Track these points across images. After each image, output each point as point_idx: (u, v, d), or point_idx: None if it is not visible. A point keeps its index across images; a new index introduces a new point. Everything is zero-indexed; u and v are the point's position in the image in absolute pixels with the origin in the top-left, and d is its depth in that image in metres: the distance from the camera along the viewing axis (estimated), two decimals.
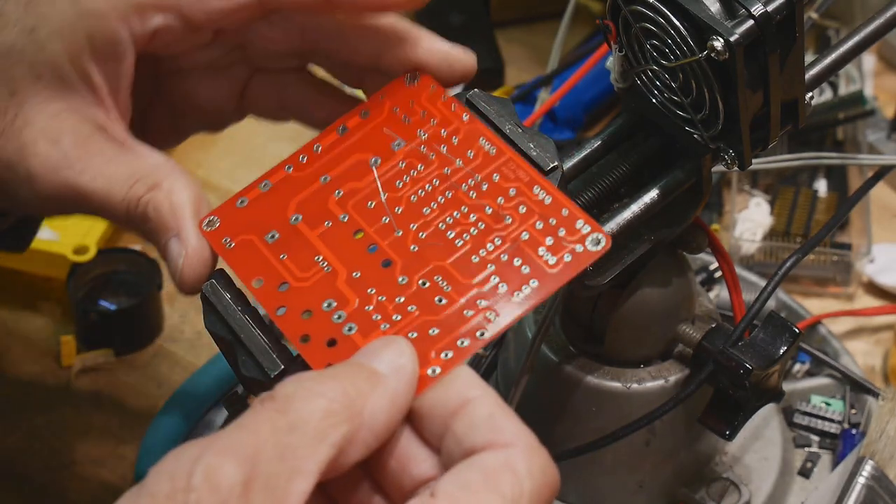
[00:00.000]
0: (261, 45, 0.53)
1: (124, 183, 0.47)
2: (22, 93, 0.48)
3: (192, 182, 0.48)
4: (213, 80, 0.54)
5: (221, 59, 0.53)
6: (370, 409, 0.38)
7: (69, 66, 0.48)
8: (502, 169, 0.47)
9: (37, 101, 0.48)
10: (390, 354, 0.40)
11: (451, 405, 0.39)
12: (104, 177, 0.47)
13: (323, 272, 0.45)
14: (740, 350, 0.54)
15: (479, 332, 0.42)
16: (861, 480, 0.58)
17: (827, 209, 0.82)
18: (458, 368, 0.41)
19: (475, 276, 0.44)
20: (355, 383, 0.39)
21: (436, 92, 0.49)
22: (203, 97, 0.54)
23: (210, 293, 0.45)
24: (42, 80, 0.48)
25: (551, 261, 0.44)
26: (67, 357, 0.74)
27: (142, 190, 0.47)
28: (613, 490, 0.60)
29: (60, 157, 0.47)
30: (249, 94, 0.55)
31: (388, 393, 0.39)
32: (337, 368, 0.40)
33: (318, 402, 0.38)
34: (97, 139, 0.48)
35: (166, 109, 0.55)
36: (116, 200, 0.47)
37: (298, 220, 0.47)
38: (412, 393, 0.40)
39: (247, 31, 0.52)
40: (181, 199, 0.47)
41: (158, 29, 0.49)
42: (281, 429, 0.37)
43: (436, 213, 0.46)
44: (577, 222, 0.44)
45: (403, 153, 0.48)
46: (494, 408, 0.39)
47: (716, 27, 0.46)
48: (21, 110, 0.48)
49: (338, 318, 0.44)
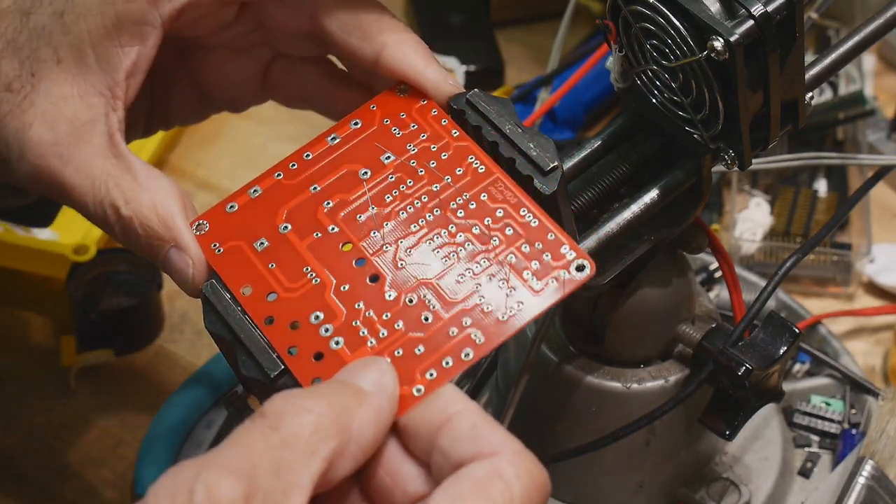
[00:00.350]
0: (277, 28, 0.53)
1: (101, 184, 0.47)
2: (40, 74, 0.48)
3: (176, 186, 0.48)
4: (236, 59, 0.54)
5: (244, 39, 0.54)
6: (357, 424, 0.39)
7: (90, 49, 0.48)
8: (490, 189, 0.47)
9: (50, 83, 0.48)
10: (373, 374, 0.41)
11: (436, 422, 0.40)
12: (85, 172, 0.47)
13: (311, 284, 0.46)
14: (740, 350, 0.54)
15: (464, 354, 0.43)
16: (861, 480, 0.58)
17: (827, 209, 0.82)
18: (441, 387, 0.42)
19: (461, 296, 0.44)
20: (342, 399, 0.39)
21: (426, 105, 0.50)
22: (226, 75, 0.55)
23: (210, 293, 0.45)
24: (62, 63, 0.48)
25: (536, 286, 0.44)
26: (67, 357, 0.73)
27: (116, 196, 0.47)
28: (613, 490, 0.60)
29: (52, 142, 0.47)
30: (271, 78, 0.55)
31: (374, 408, 0.40)
32: (323, 386, 0.41)
33: (307, 418, 0.38)
34: (91, 131, 0.48)
35: (190, 86, 0.56)
36: (89, 199, 0.47)
37: (288, 229, 0.47)
38: (395, 409, 0.41)
39: (264, 10, 0.52)
40: (170, 210, 0.47)
41: (186, 6, 0.49)
42: (274, 445, 0.37)
43: (424, 230, 0.46)
44: (563, 247, 0.45)
45: (393, 166, 0.48)
46: (477, 419, 0.40)
47: (716, 27, 0.46)
48: (33, 90, 0.48)
49: (325, 331, 0.44)
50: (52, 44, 0.48)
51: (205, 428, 0.69)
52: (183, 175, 0.86)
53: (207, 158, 0.88)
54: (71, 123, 0.48)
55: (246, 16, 0.52)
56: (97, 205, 0.47)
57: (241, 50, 0.54)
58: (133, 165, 0.48)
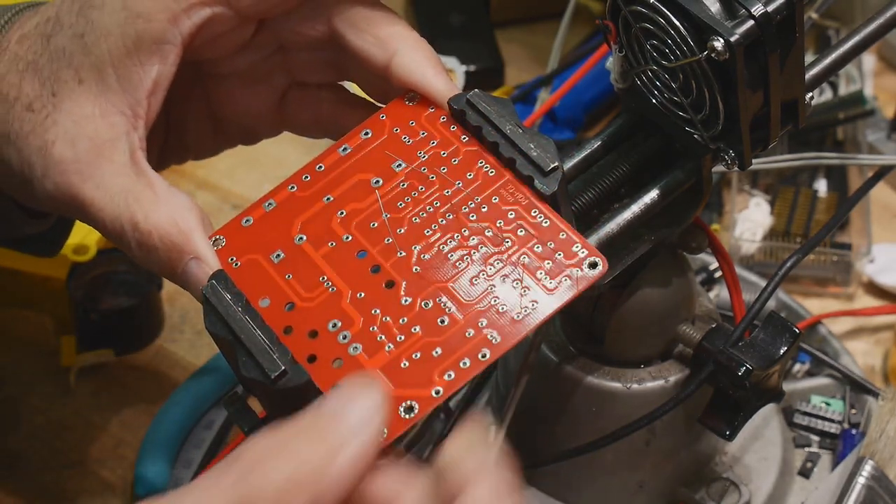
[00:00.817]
0: (294, 41, 0.53)
1: (121, 199, 0.47)
2: (61, 94, 0.49)
3: (194, 203, 0.48)
4: (252, 87, 0.55)
5: (261, 66, 0.54)
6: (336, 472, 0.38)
7: (111, 69, 0.48)
8: (501, 191, 0.47)
9: (71, 103, 0.49)
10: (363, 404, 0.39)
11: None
12: (104, 188, 0.48)
13: (328, 292, 0.46)
14: (740, 350, 0.54)
15: (481, 354, 0.43)
16: (861, 480, 0.58)
17: (827, 209, 0.82)
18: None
19: (476, 298, 0.45)
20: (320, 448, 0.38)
21: (435, 113, 0.50)
22: (242, 104, 0.55)
23: (210, 294, 0.45)
24: (83, 83, 0.49)
25: (550, 284, 0.45)
26: (67, 357, 0.73)
27: (136, 210, 0.47)
28: (613, 490, 0.60)
29: (73, 160, 0.48)
30: (286, 107, 0.56)
31: (355, 453, 0.38)
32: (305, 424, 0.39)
33: (280, 472, 0.37)
34: (112, 149, 0.48)
35: (206, 117, 0.56)
36: (106, 214, 0.48)
37: (303, 240, 0.48)
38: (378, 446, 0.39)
39: (284, 25, 0.52)
40: (190, 224, 0.47)
41: (205, 22, 0.49)
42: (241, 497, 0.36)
43: (437, 235, 0.47)
44: (574, 246, 0.45)
45: (404, 174, 0.49)
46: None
47: (716, 27, 0.46)
48: (55, 110, 0.49)
49: (343, 338, 0.45)
50: (74, 64, 0.49)
51: (205, 428, 0.69)
52: (183, 175, 0.86)
53: (207, 159, 0.88)
54: (92, 141, 0.48)
55: (263, 37, 0.53)
56: (114, 220, 0.47)
57: (258, 78, 0.55)
58: (153, 182, 0.48)
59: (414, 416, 0.42)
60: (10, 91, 0.49)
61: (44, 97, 0.49)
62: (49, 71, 0.49)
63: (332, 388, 0.42)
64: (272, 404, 0.45)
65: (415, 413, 0.43)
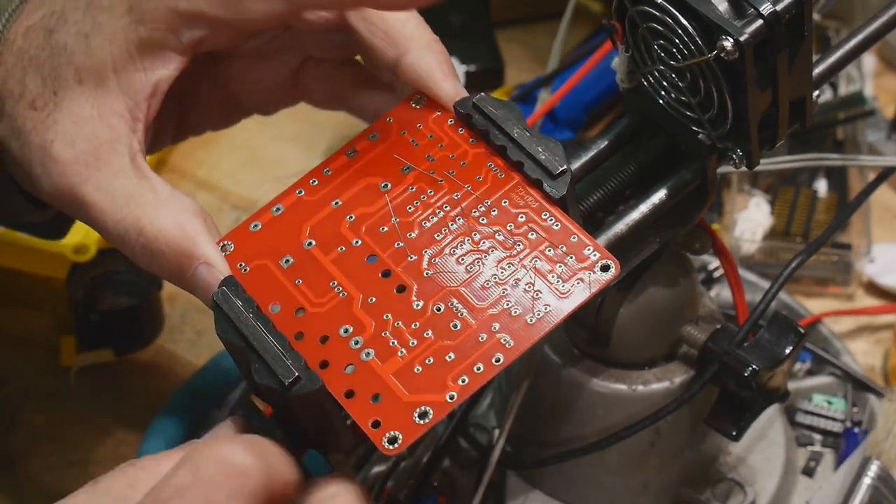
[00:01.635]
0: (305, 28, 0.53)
1: (123, 203, 0.47)
2: (62, 93, 0.49)
3: (199, 206, 0.48)
4: (265, 63, 0.54)
5: (270, 44, 0.54)
6: None
7: (112, 73, 0.48)
8: (511, 194, 0.47)
9: (72, 103, 0.48)
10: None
11: None
12: (105, 191, 0.48)
13: (338, 298, 0.46)
14: (746, 351, 0.54)
15: (495, 359, 0.43)
16: (867, 481, 0.58)
17: (827, 209, 0.82)
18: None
19: (488, 302, 0.45)
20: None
21: (442, 115, 0.50)
22: (255, 81, 0.55)
23: (221, 300, 0.45)
24: (83, 84, 0.48)
25: (562, 288, 0.44)
26: (67, 357, 0.73)
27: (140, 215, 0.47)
28: (618, 491, 0.60)
29: (72, 160, 0.48)
30: (301, 81, 0.55)
31: None
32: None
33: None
34: (111, 151, 0.48)
35: (218, 92, 0.56)
36: (108, 217, 0.47)
37: (312, 245, 0.47)
38: None
39: None
40: (196, 227, 0.47)
41: (204, 37, 0.49)
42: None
43: (448, 239, 0.46)
44: (586, 249, 0.45)
45: (413, 178, 0.48)
46: None
47: (725, 27, 0.46)
48: (56, 108, 0.48)
49: (355, 343, 0.44)
50: (75, 63, 0.49)
51: (205, 428, 0.68)
52: (183, 175, 0.86)
53: (207, 158, 0.88)
54: (90, 143, 0.48)
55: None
56: (116, 223, 0.47)
57: (270, 55, 0.54)
58: (156, 185, 0.48)
59: (428, 422, 0.42)
60: (15, 87, 0.49)
61: (45, 95, 0.49)
62: (49, 67, 0.49)
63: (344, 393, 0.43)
64: (284, 409, 0.45)
65: (429, 419, 0.42)
